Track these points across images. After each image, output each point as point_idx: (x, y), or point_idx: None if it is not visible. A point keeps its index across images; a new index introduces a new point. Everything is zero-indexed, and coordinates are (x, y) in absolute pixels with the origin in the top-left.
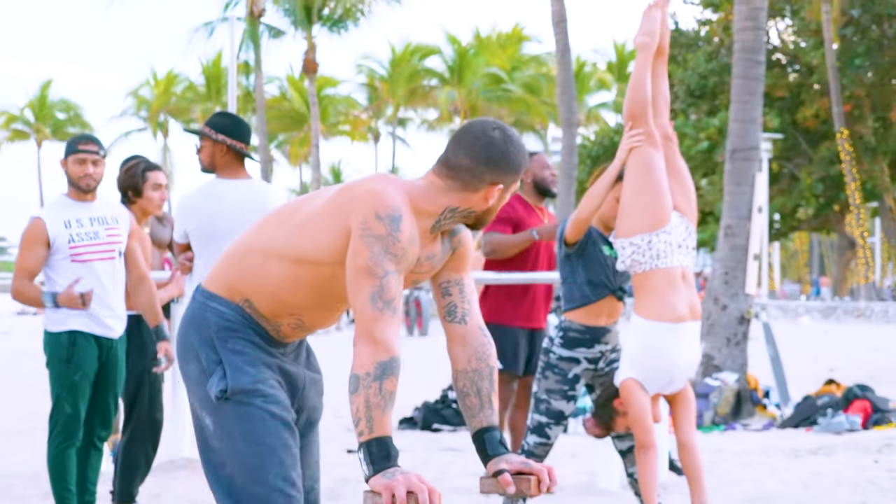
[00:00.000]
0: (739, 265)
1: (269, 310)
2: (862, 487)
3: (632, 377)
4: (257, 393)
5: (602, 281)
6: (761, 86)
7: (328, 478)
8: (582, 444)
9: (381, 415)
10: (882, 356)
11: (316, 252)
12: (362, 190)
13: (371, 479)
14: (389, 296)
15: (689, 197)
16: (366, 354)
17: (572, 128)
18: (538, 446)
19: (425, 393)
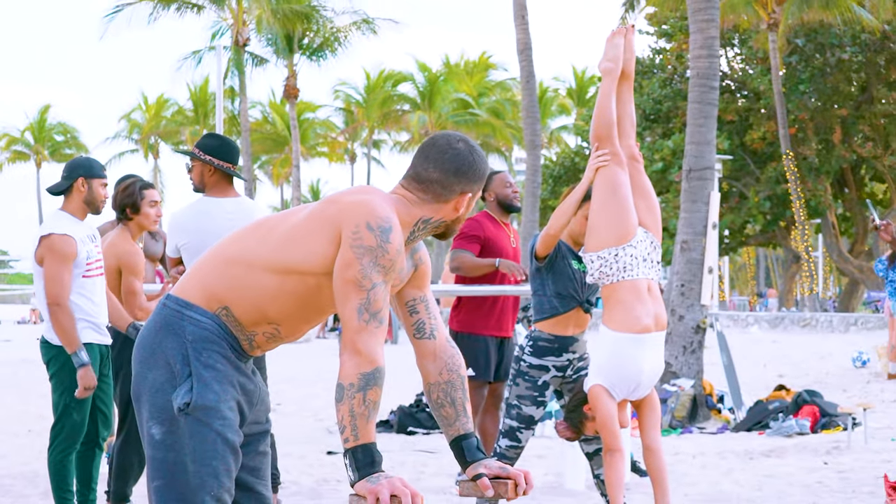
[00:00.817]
0: (695, 278)
1: (248, 319)
2: (812, 488)
3: (600, 384)
4: (218, 414)
5: (570, 293)
6: (715, 110)
7: (309, 478)
8: (549, 447)
9: (365, 423)
10: (827, 363)
11: (304, 262)
12: (352, 200)
13: (357, 484)
14: (376, 308)
15: (655, 213)
16: (350, 366)
17: (536, 149)
18: (509, 449)
19: (400, 397)
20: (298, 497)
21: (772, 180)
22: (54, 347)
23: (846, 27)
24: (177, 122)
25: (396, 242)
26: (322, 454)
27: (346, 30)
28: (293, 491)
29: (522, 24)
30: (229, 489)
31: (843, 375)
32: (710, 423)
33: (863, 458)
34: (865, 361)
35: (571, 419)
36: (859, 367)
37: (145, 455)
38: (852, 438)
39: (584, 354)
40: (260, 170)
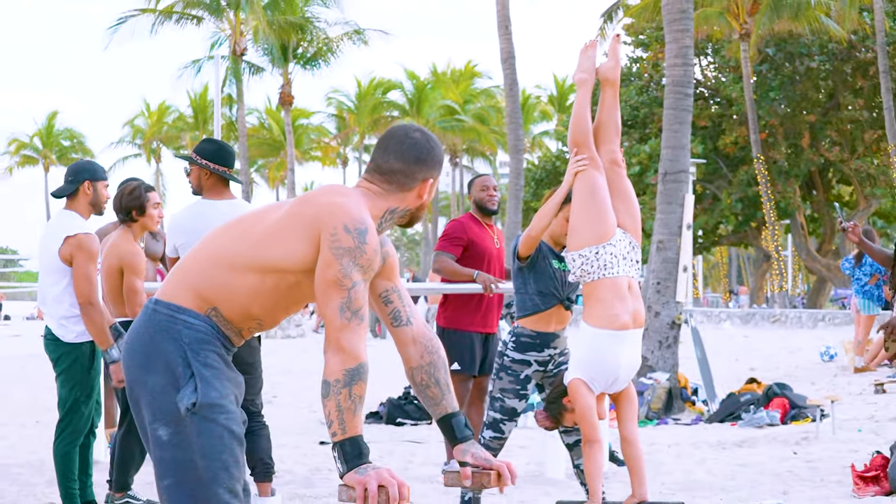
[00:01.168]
0: (670, 276)
1: (236, 317)
2: (783, 477)
3: (579, 377)
4: (222, 409)
5: (551, 292)
6: (689, 116)
7: (302, 467)
8: (531, 437)
9: (351, 417)
10: (797, 357)
11: (282, 261)
12: (328, 203)
13: (345, 476)
14: (357, 306)
15: (633, 215)
16: (335, 363)
17: (519, 153)
18: (493, 440)
19: (389, 390)
20: (292, 485)
21: (743, 183)
22: (64, 345)
23: (814, 37)
24: (177, 128)
25: (373, 243)
26: (315, 444)
27: (338, 40)
28: (287, 479)
29: (506, 34)
30: (240, 479)
31: (811, 369)
32: (684, 414)
33: (831, 448)
34: (833, 356)
35: (551, 410)
36: (827, 361)
37: (152, 457)
38: (820, 429)
39: (565, 350)
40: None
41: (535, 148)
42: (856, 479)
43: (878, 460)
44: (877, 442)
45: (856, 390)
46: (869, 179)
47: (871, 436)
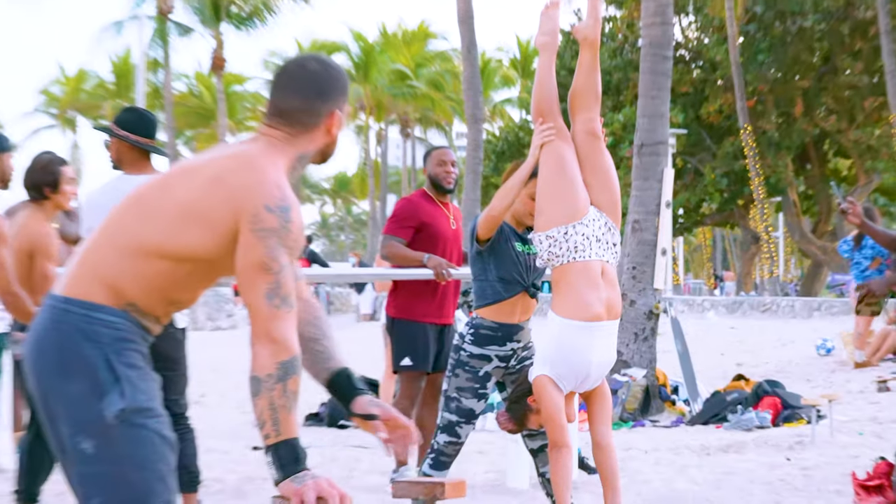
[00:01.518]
0: (647, 260)
1: (154, 307)
2: (775, 486)
3: (545, 374)
4: (151, 412)
5: (514, 277)
6: (669, 81)
7: (233, 475)
8: (491, 442)
9: (286, 416)
10: (789, 351)
11: (198, 248)
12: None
13: (280, 484)
14: (286, 291)
15: (610, 193)
16: (265, 355)
17: (478, 123)
18: (448, 445)
19: None
20: (221, 496)
21: (729, 156)
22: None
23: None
24: (97, 96)
25: (298, 220)
26: (247, 450)
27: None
28: (215, 490)
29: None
30: (175, 490)
31: (806, 364)
32: (663, 415)
33: (828, 453)
34: (830, 349)
35: (514, 411)
36: (823, 355)
37: (74, 475)
38: (817, 432)
39: (529, 343)
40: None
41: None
42: (857, 489)
43: (882, 467)
44: (880, 446)
45: (856, 388)
46: (869, 151)
47: (873, 439)
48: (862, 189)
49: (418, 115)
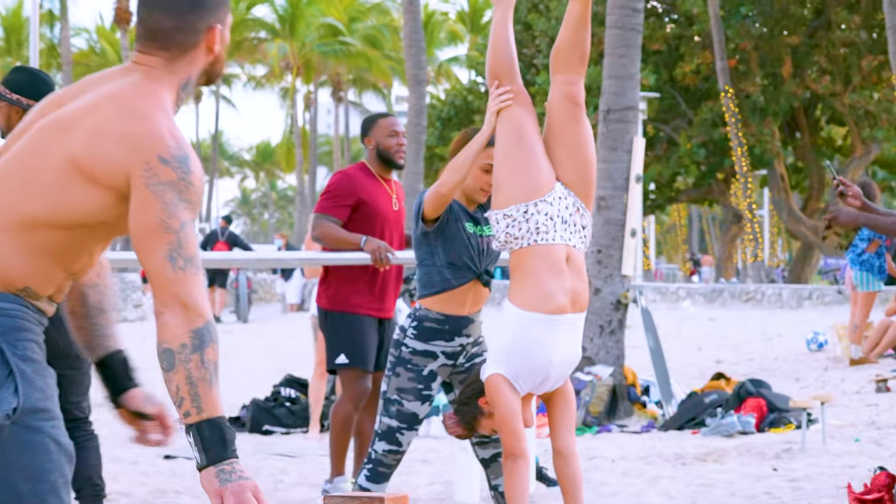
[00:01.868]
0: (615, 242)
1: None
2: (759, 499)
3: (500, 373)
4: (47, 414)
5: (465, 263)
6: (639, 37)
7: (141, 489)
8: (436, 450)
9: (208, 390)
10: (776, 345)
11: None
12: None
13: (204, 472)
14: (189, 251)
15: (583, 172)
16: (177, 324)
17: (421, 86)
18: (388, 454)
19: (253, 389)
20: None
21: (707, 123)
22: None
23: None
24: None
25: (198, 170)
26: (158, 458)
27: None
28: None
29: None
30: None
31: (795, 361)
32: (632, 419)
33: (820, 462)
34: (822, 344)
35: (463, 413)
36: (814, 350)
37: None
38: (807, 439)
39: (480, 338)
40: None
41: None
42: (853, 503)
43: (882, 479)
44: (879, 454)
45: (851, 388)
46: (867, 118)
47: (871, 447)
48: (859, 161)
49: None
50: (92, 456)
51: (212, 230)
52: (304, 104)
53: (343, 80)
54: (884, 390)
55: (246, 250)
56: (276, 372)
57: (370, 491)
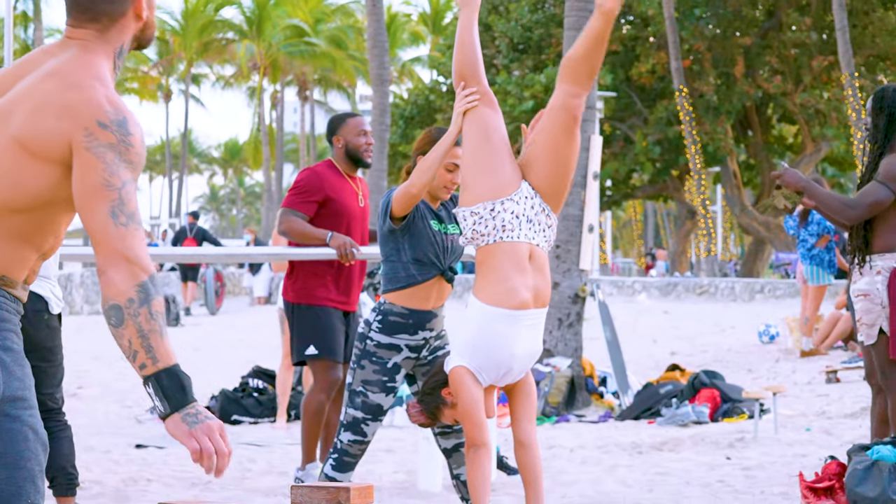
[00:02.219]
0: (573, 238)
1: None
2: (713, 488)
3: (464, 365)
4: (26, 403)
5: (430, 259)
6: None
7: (114, 477)
8: (400, 439)
9: (160, 341)
10: (729, 338)
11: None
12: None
13: (169, 420)
14: (131, 208)
15: (559, 182)
16: (121, 279)
17: (384, 85)
18: (353, 444)
19: (222, 380)
20: (101, 499)
21: (662, 121)
22: None
23: None
24: None
25: (138, 133)
26: (130, 448)
27: None
28: (95, 493)
29: None
30: (45, 494)
31: (747, 352)
32: (590, 409)
33: (772, 451)
34: (774, 336)
35: (427, 403)
36: (767, 342)
37: None
38: (759, 428)
39: (442, 332)
40: None
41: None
42: (805, 491)
43: (833, 467)
44: (829, 444)
45: (802, 379)
46: (817, 117)
47: (822, 436)
48: (809, 158)
49: (317, 75)
50: (65, 446)
51: (181, 226)
52: (271, 103)
53: (308, 79)
54: (834, 381)
55: (216, 245)
56: (244, 363)
57: (336, 480)
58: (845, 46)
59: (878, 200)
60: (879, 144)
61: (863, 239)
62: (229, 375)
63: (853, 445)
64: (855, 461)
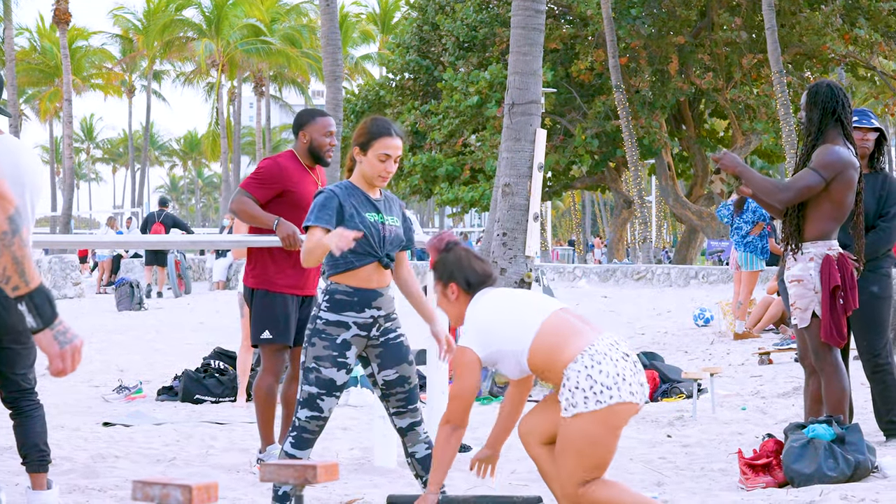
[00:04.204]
0: (519, 226)
1: None
2: (655, 464)
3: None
4: None
5: (366, 250)
6: (541, 36)
7: (83, 454)
8: (355, 418)
9: (29, 265)
10: (666, 321)
11: None
12: None
13: (41, 335)
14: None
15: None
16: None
17: (337, 81)
18: (311, 420)
19: (186, 360)
20: (72, 475)
21: (601, 116)
22: None
23: None
24: None
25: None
26: (98, 426)
27: None
28: (65, 469)
29: None
30: None
31: (683, 335)
32: (536, 389)
33: (710, 430)
34: (708, 319)
35: None
36: (702, 325)
37: None
38: (698, 408)
39: (393, 314)
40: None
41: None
42: (743, 468)
43: (770, 445)
44: (764, 422)
45: (736, 360)
46: (747, 111)
47: (757, 415)
48: (739, 151)
49: (273, 72)
50: (38, 424)
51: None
52: (229, 98)
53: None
54: (766, 362)
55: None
56: (205, 346)
57: (296, 457)
58: (774, 45)
59: (809, 185)
60: (813, 136)
61: (796, 227)
62: (191, 357)
63: (790, 424)
64: (791, 439)
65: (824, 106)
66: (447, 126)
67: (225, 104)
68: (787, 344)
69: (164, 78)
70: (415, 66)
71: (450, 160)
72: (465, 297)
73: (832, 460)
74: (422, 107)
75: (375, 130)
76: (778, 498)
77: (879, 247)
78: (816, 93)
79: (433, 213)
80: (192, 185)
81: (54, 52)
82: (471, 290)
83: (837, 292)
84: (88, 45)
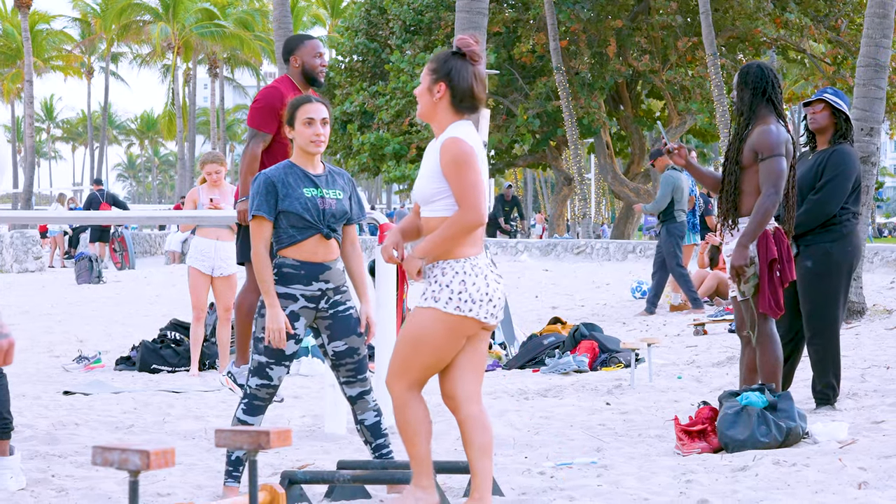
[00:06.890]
0: None
1: None
2: (595, 431)
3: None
4: None
5: (306, 223)
6: (485, 20)
7: (44, 421)
8: (306, 386)
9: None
10: (604, 293)
11: None
12: None
13: None
14: None
15: None
16: None
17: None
18: (261, 388)
19: (143, 332)
20: (33, 442)
21: (542, 97)
22: None
23: None
24: None
25: None
26: (58, 394)
27: None
28: (27, 436)
29: None
30: None
31: (621, 307)
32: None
33: (648, 398)
34: (645, 292)
35: None
36: (639, 297)
37: None
38: (635, 377)
39: (343, 287)
40: None
41: None
42: (680, 434)
43: (705, 412)
44: (699, 390)
45: (672, 331)
46: (683, 92)
47: (692, 383)
48: (675, 130)
49: (227, 54)
50: (1, 393)
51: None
52: (184, 79)
53: (218, 58)
54: (701, 333)
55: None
56: (162, 317)
57: (248, 423)
58: (708, 29)
59: (781, 171)
60: (745, 116)
61: (732, 203)
62: (149, 328)
63: (724, 392)
64: (726, 406)
65: (755, 86)
66: (394, 106)
67: (181, 85)
68: (721, 315)
69: (122, 60)
70: (363, 48)
71: (397, 139)
72: (446, 106)
73: (765, 427)
74: (370, 88)
75: (295, 103)
76: (713, 463)
77: (810, 220)
78: (747, 74)
79: (381, 191)
80: (149, 163)
81: (16, 35)
82: (454, 102)
83: (774, 265)
84: (49, 28)
